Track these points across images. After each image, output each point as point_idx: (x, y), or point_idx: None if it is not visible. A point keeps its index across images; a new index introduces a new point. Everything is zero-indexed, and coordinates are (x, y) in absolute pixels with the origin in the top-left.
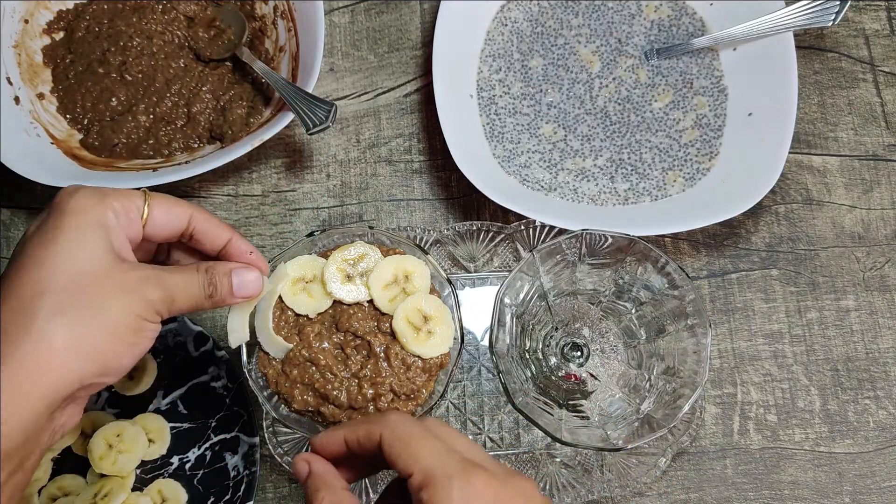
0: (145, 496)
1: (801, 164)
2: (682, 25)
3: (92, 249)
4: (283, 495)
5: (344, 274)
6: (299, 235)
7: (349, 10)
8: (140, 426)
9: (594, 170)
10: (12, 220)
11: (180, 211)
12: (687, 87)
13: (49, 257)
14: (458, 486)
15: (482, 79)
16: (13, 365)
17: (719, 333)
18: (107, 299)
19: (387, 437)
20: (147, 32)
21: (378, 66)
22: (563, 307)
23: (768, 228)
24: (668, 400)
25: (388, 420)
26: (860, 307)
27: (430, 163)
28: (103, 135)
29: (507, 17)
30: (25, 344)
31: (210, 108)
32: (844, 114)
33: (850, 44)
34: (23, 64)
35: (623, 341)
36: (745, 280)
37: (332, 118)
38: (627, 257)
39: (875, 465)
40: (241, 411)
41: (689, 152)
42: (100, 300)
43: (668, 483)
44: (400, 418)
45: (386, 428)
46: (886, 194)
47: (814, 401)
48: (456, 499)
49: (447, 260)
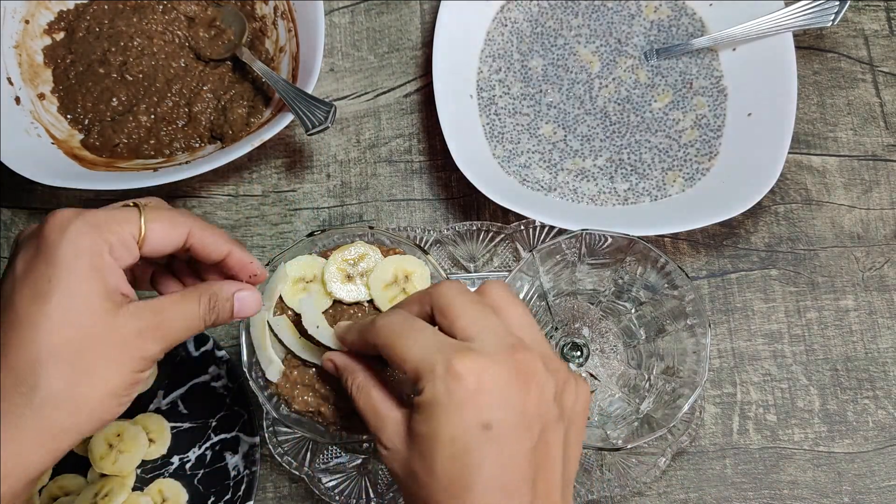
0: (146, 496)
1: (800, 165)
2: (681, 26)
3: (88, 303)
4: (283, 495)
5: (344, 274)
6: (299, 235)
7: (349, 10)
8: (140, 426)
9: (594, 170)
10: (13, 220)
11: (178, 226)
12: (686, 87)
13: (44, 318)
14: (442, 378)
15: (482, 79)
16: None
17: (719, 333)
18: (104, 362)
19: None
20: (147, 32)
21: (378, 66)
22: (562, 307)
23: (768, 228)
24: (667, 400)
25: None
26: (859, 307)
27: (430, 163)
28: (104, 135)
29: (507, 17)
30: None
31: (211, 107)
32: (844, 114)
33: (850, 44)
34: (23, 64)
35: (623, 341)
36: (745, 280)
37: (331, 119)
38: (627, 257)
39: (874, 464)
40: (241, 411)
41: (689, 152)
42: (97, 364)
43: (667, 483)
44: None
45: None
46: (886, 194)
47: (813, 401)
48: (440, 392)
49: (447, 260)
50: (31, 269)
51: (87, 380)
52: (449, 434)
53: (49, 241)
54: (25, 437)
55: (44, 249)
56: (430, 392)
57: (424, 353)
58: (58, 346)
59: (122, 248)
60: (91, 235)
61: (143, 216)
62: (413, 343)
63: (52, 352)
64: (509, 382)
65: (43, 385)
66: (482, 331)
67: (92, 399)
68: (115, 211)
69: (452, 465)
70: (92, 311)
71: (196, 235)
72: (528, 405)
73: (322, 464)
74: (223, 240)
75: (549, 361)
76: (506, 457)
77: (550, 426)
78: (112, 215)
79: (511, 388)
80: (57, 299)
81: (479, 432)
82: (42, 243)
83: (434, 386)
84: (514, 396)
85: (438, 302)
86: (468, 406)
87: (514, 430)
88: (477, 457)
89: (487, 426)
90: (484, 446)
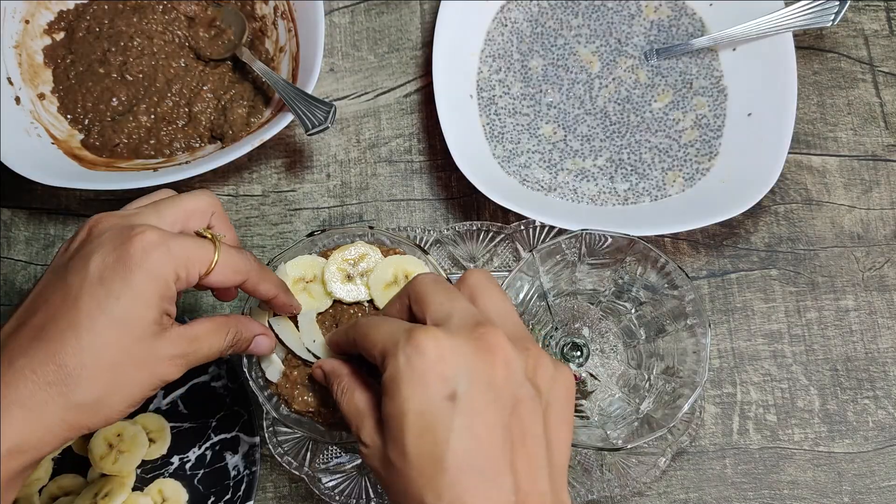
0: (146, 496)
1: (800, 165)
2: (681, 26)
3: (141, 330)
4: (283, 495)
5: (344, 274)
6: (299, 235)
7: (349, 10)
8: (140, 426)
9: (594, 170)
10: (12, 220)
11: (239, 273)
12: (686, 87)
13: (100, 332)
14: (403, 350)
15: (482, 79)
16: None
17: (719, 333)
18: (134, 381)
19: (353, 336)
20: (147, 32)
21: (378, 66)
22: (562, 307)
23: (768, 228)
24: (667, 400)
25: (358, 321)
26: (859, 307)
27: (430, 163)
28: (104, 135)
29: (507, 17)
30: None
31: (211, 107)
32: (844, 114)
33: (850, 44)
34: (23, 64)
35: (623, 341)
36: (745, 280)
37: (330, 119)
38: (627, 257)
39: (874, 464)
40: (241, 411)
41: (689, 152)
42: (127, 382)
43: (667, 483)
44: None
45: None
46: (886, 194)
47: (813, 401)
48: (401, 364)
49: (447, 260)
50: (105, 278)
51: (115, 394)
52: (415, 408)
53: (131, 261)
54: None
55: (122, 264)
56: (392, 368)
57: (388, 336)
58: (105, 363)
59: (186, 282)
60: (170, 266)
61: (217, 255)
62: (381, 330)
63: (98, 365)
64: (473, 354)
65: (79, 392)
66: (449, 312)
67: (112, 409)
68: (197, 247)
69: (422, 441)
70: (142, 336)
71: (250, 282)
72: (494, 377)
73: (322, 464)
74: (273, 285)
75: (518, 341)
76: (477, 429)
77: (524, 403)
78: (194, 251)
79: (475, 359)
80: (118, 320)
81: (445, 403)
82: (124, 256)
83: (396, 360)
84: (478, 367)
85: (414, 292)
86: (431, 376)
87: (483, 402)
88: (444, 430)
89: (453, 396)
90: (453, 418)
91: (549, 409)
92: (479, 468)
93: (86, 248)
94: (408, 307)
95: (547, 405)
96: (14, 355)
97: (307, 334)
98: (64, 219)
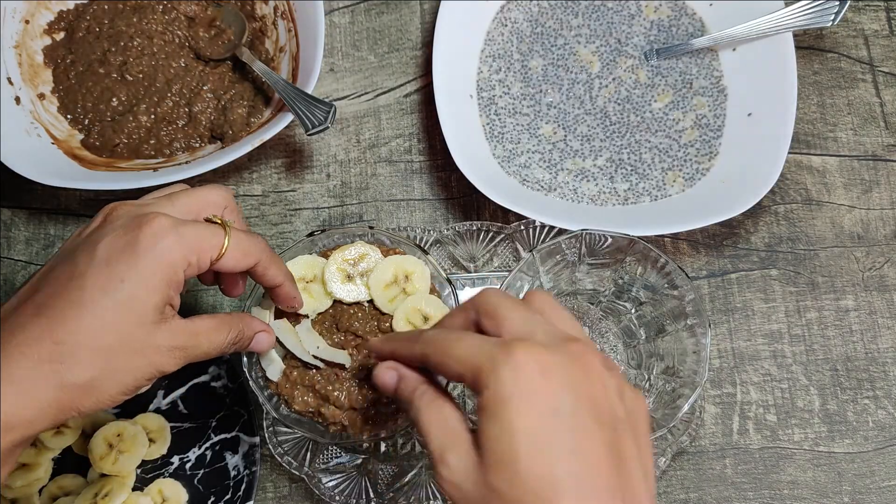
0: (146, 496)
1: (800, 165)
2: (681, 26)
3: (142, 315)
4: (283, 495)
5: (344, 274)
6: (299, 235)
7: (349, 10)
8: (140, 426)
9: (594, 170)
10: (12, 220)
11: (250, 256)
12: (686, 87)
13: (102, 314)
14: (504, 366)
15: (482, 79)
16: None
17: (719, 333)
18: (129, 368)
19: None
20: (147, 32)
21: (378, 66)
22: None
23: (768, 228)
24: (667, 400)
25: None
26: (859, 307)
27: (430, 163)
28: (104, 135)
29: (507, 17)
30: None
31: (211, 107)
32: (844, 114)
33: (850, 44)
34: (23, 64)
35: (623, 341)
36: (745, 280)
37: (330, 119)
38: (627, 257)
39: (874, 464)
40: (241, 411)
41: (689, 152)
42: (123, 367)
43: (667, 483)
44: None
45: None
46: (886, 194)
47: (813, 401)
48: (507, 381)
49: (447, 260)
50: (112, 260)
51: (109, 378)
52: (525, 426)
53: (140, 246)
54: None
55: (131, 248)
56: (494, 387)
57: (480, 351)
58: (102, 344)
59: (196, 268)
60: (180, 252)
61: (227, 240)
62: (466, 346)
63: (95, 346)
64: (572, 370)
65: (73, 371)
66: (533, 328)
67: (104, 393)
68: (208, 232)
69: (535, 463)
70: (142, 322)
71: (261, 265)
72: (595, 395)
73: (322, 464)
74: (281, 272)
75: (604, 359)
76: (587, 450)
77: (622, 423)
78: (205, 236)
79: (575, 375)
80: (120, 302)
81: (554, 422)
82: (133, 241)
83: (497, 379)
84: (581, 384)
85: (484, 307)
86: (538, 393)
87: (589, 420)
88: (558, 451)
89: (558, 414)
90: (564, 438)
91: (636, 431)
92: (595, 490)
93: (97, 232)
94: (473, 321)
95: (632, 429)
96: (13, 330)
97: (309, 343)
98: (64, 219)
